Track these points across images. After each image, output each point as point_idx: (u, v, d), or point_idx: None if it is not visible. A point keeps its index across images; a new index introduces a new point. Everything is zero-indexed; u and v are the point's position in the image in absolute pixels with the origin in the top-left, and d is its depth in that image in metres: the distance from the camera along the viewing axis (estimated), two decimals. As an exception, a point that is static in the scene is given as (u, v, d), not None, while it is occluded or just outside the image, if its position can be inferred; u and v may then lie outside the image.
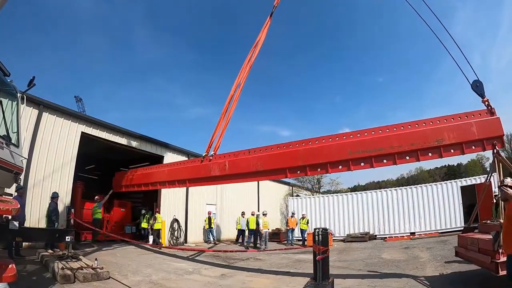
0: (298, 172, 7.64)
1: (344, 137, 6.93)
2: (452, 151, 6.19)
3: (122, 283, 6.18)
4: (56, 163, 10.49)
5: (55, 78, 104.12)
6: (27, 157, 5.46)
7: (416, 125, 6.37)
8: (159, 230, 13.68)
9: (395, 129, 6.49)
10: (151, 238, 13.92)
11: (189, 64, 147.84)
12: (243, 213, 16.67)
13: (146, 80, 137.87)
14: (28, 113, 9.72)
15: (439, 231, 14.38)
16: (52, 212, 9.04)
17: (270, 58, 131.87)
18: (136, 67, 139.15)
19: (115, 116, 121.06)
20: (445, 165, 75.90)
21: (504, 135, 6.06)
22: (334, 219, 17.53)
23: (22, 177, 9.17)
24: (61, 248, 8.30)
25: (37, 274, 6.19)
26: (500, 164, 5.80)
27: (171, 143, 16.18)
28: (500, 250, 4.59)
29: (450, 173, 68.58)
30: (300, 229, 16.41)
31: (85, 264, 6.74)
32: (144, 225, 14.39)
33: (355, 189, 66.93)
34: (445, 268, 7.18)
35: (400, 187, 17.54)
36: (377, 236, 15.93)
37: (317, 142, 7.18)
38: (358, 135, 6.77)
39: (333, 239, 15.36)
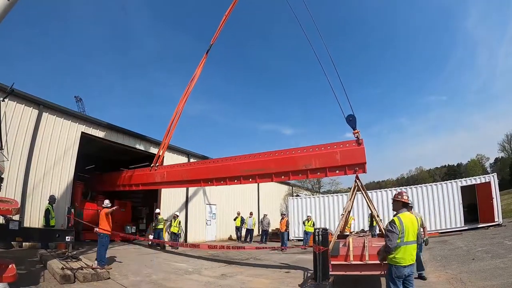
0: (209, 182, 9.81)
1: (241, 159, 8.90)
2: (318, 173, 7.87)
3: (122, 283, 6.18)
4: (56, 163, 10.49)
5: (53, 75, 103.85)
6: (9, 159, 5.58)
7: (292, 152, 7.97)
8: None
9: (276, 154, 8.25)
10: (151, 237, 13.94)
11: (189, 58, 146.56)
12: (251, 213, 17.62)
13: (145, 74, 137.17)
14: (28, 113, 9.74)
15: (439, 231, 14.37)
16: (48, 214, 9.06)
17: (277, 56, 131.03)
18: (135, 61, 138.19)
19: (114, 113, 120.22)
20: (445, 165, 75.99)
21: (365, 162, 6.91)
22: (334, 219, 17.51)
23: (22, 177, 9.25)
24: (61, 248, 8.30)
25: (37, 274, 6.18)
26: (355, 188, 7.06)
27: (171, 143, 16.17)
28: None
29: (450, 173, 68.59)
30: (305, 231, 14.88)
31: (85, 264, 6.74)
32: (174, 229, 13.78)
33: (355, 189, 66.72)
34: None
35: (400, 187, 17.52)
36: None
37: (222, 161, 9.44)
38: (250, 157, 8.74)
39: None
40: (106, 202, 8.50)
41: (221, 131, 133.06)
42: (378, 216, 6.79)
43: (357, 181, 7.03)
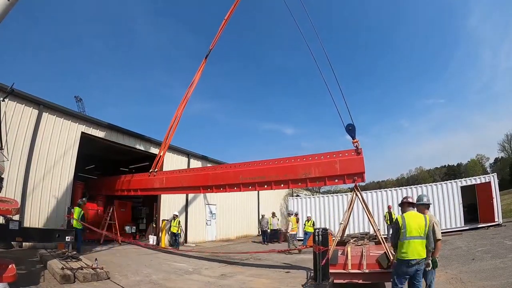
0: (208, 189, 9.77)
1: (240, 166, 8.95)
2: (317, 182, 7.90)
3: (122, 283, 6.18)
4: (56, 163, 10.50)
5: (53, 75, 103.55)
6: (9, 159, 5.61)
7: (292, 160, 8.00)
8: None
9: (276, 162, 8.27)
10: (151, 238, 13.95)
11: (190, 56, 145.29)
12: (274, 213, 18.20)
13: (146, 74, 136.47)
14: (28, 113, 9.74)
15: (439, 231, 14.39)
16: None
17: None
18: (136, 60, 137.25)
19: (114, 112, 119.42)
20: (445, 165, 76.00)
21: (364, 172, 7.00)
22: (334, 219, 17.51)
23: (22, 177, 9.25)
24: (61, 248, 8.29)
25: (37, 274, 6.18)
26: (354, 198, 7.22)
27: (171, 143, 16.15)
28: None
29: (450, 173, 68.59)
30: (305, 231, 14.53)
31: (85, 264, 6.74)
32: (173, 229, 13.83)
33: (355, 189, 66.64)
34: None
35: (400, 187, 17.52)
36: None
37: (222, 168, 9.77)
38: (250, 165, 8.74)
39: (333, 239, 15.12)
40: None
41: (221, 130, 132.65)
42: (374, 223, 6.84)
43: (355, 190, 7.05)
